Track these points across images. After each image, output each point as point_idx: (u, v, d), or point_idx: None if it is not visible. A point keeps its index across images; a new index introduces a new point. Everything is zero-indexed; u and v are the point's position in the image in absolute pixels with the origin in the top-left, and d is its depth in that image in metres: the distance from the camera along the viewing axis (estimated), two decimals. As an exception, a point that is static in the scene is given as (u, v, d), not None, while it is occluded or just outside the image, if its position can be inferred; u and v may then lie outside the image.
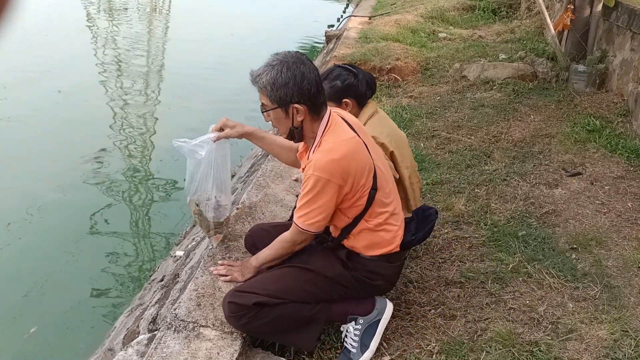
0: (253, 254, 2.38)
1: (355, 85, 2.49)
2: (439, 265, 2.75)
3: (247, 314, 1.98)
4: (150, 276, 3.68)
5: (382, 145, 2.44)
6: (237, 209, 3.00)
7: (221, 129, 2.28)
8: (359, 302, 2.16)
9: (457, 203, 3.28)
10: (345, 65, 2.56)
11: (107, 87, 7.75)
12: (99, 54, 9.34)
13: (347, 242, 2.09)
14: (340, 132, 1.97)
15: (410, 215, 2.38)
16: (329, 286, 2.09)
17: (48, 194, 4.73)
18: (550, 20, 5.81)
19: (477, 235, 3.00)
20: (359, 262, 2.08)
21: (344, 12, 13.89)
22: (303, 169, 2.09)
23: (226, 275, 2.29)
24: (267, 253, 2.16)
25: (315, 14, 14.45)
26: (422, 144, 4.19)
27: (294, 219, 2.01)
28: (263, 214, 3.00)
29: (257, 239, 2.40)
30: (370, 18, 9.18)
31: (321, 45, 10.77)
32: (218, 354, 1.97)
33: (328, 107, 2.03)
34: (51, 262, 3.91)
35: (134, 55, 9.54)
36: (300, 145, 2.27)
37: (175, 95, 7.79)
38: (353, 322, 2.15)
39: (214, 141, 2.25)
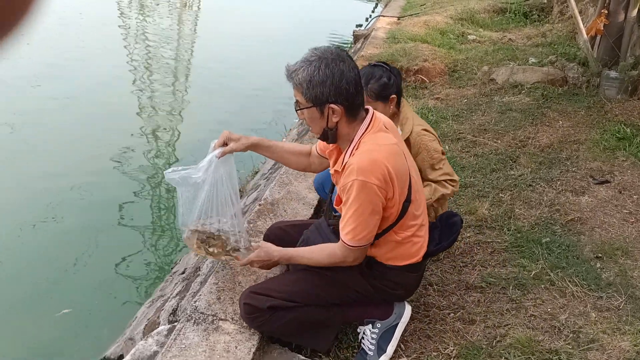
0: None
1: (397, 81, 2.49)
2: (459, 269, 2.73)
3: (261, 316, 1.99)
4: (171, 268, 3.74)
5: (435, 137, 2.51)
6: (260, 205, 3.02)
7: (225, 144, 2.12)
8: (376, 306, 2.13)
9: (480, 207, 3.24)
10: (379, 64, 2.53)
11: (136, 81, 7.87)
12: (129, 47, 9.49)
13: (369, 250, 2.00)
14: (381, 137, 1.85)
15: (434, 220, 2.36)
16: (346, 292, 2.05)
17: (74, 184, 4.83)
18: (583, 24, 5.70)
19: (499, 241, 2.96)
20: (379, 271, 2.01)
21: (373, 11, 13.86)
22: (335, 172, 1.95)
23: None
24: (303, 259, 2.01)
25: (343, 13, 14.44)
26: (447, 147, 4.15)
27: (342, 234, 1.86)
28: (285, 211, 3.02)
29: (276, 238, 2.36)
30: (399, 18, 9.14)
31: (349, 45, 10.75)
32: (236, 347, 1.99)
33: (371, 109, 1.92)
34: (76, 250, 3.99)
35: (163, 50, 9.66)
36: (317, 147, 2.21)
37: (201, 90, 7.87)
38: (370, 325, 2.13)
39: (219, 157, 2.07)
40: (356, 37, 9.31)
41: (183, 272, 3.21)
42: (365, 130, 1.85)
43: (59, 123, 6.04)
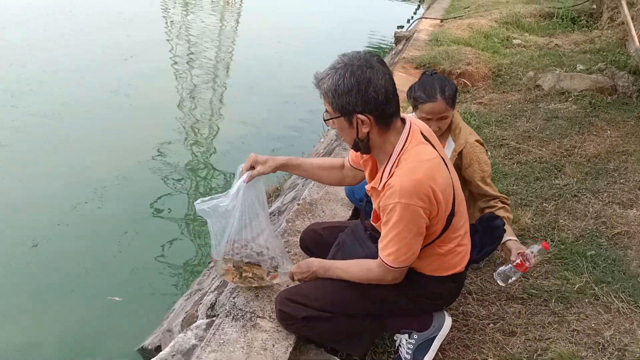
0: (307, 254, 2.39)
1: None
2: (500, 279, 2.67)
3: (295, 323, 1.99)
4: (209, 263, 3.78)
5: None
6: (298, 204, 3.03)
7: (252, 167, 2.08)
8: (414, 317, 2.07)
9: (523, 216, 3.17)
10: (434, 71, 2.48)
11: (178, 76, 8.01)
12: (172, 43, 9.67)
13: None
14: (422, 152, 1.73)
15: (473, 223, 2.30)
16: (383, 305, 1.98)
17: (116, 174, 4.95)
18: (635, 31, 5.50)
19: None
20: (419, 283, 1.93)
21: (415, 13, 13.74)
22: (373, 189, 1.85)
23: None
24: (339, 272, 1.94)
25: (384, 14, 14.38)
26: (489, 153, 4.07)
27: (382, 255, 1.78)
28: (323, 211, 3.01)
29: (310, 241, 2.36)
30: (442, 21, 9.03)
31: (389, 46, 10.70)
32: (273, 345, 1.99)
33: (407, 118, 1.80)
34: (117, 238, 4.09)
35: (205, 46, 9.81)
36: (350, 159, 2.12)
37: (240, 88, 7.96)
38: (407, 335, 2.09)
39: (247, 182, 2.04)
40: (397, 39, 9.24)
41: (220, 267, 3.24)
42: (404, 145, 1.74)
43: (105, 115, 6.21)
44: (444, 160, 1.81)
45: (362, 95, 1.65)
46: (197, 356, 1.91)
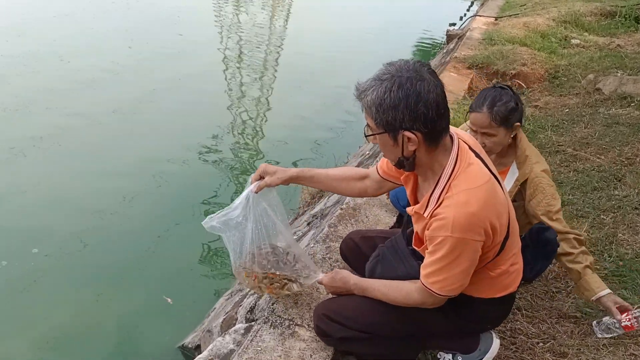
0: (346, 262, 2.33)
1: (522, 108, 2.25)
2: (552, 295, 2.54)
3: (333, 340, 1.95)
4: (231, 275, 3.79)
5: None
6: (341, 209, 2.97)
7: (261, 177, 2.00)
8: (460, 338, 1.96)
9: (578, 228, 3.00)
10: (505, 86, 2.28)
11: (226, 74, 8.11)
12: (223, 40, 9.81)
13: None
14: (475, 175, 1.58)
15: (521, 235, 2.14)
16: (425, 327, 1.88)
17: (164, 169, 5.07)
18: None
19: (598, 267, 2.72)
20: (466, 307, 1.80)
21: (468, 10, 13.42)
22: (415, 214, 1.72)
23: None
24: (377, 293, 1.84)
25: (436, 11, 14.10)
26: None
27: (425, 281, 1.66)
28: (366, 217, 2.95)
29: (347, 250, 2.29)
30: (496, 19, 8.76)
31: (441, 45, 10.48)
32: (311, 356, 1.95)
33: (455, 134, 1.65)
34: (162, 235, 4.17)
35: (255, 43, 9.90)
36: (380, 168, 1.98)
37: (288, 84, 7.99)
38: (451, 356, 2.00)
39: (256, 192, 1.98)
40: (449, 37, 9.03)
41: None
42: (454, 169, 1.58)
43: (152, 110, 6.39)
44: (495, 177, 1.65)
45: (411, 111, 1.49)
46: (234, 362, 1.89)
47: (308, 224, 3.59)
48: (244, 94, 7.45)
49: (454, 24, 10.63)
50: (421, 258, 1.74)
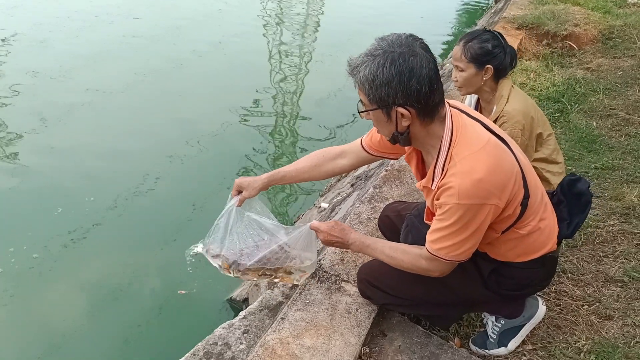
0: (384, 236, 2.31)
1: (502, 55, 2.24)
2: (599, 259, 2.52)
3: (375, 302, 2.04)
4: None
5: (532, 119, 2.23)
6: (386, 170, 3.00)
7: (239, 191, 2.07)
8: (503, 304, 1.97)
9: (629, 193, 2.94)
10: (496, 32, 2.30)
11: (266, 37, 8.11)
12: (263, 2, 9.77)
13: (491, 252, 1.77)
14: (473, 138, 1.55)
15: (553, 188, 2.05)
16: (468, 296, 1.89)
17: (205, 133, 5.18)
18: None
19: (649, 234, 2.68)
20: (505, 275, 1.79)
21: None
22: (424, 188, 1.69)
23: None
24: (380, 255, 1.82)
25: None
26: (594, 123, 3.79)
27: (431, 248, 1.63)
28: (412, 178, 2.96)
29: (384, 227, 2.30)
30: (548, -23, 8.37)
31: (488, 4, 10.13)
32: (357, 310, 2.02)
33: (447, 105, 1.60)
34: (206, 191, 4.30)
35: (295, 5, 9.83)
36: (366, 141, 1.98)
37: (328, 48, 7.93)
38: (494, 318, 2.03)
39: (239, 205, 2.07)
40: (497, -3, 8.71)
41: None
42: (452, 138, 1.55)
43: (191, 75, 6.47)
44: (495, 134, 1.60)
45: (404, 87, 1.46)
46: (284, 313, 1.98)
47: (352, 185, 3.63)
48: (284, 56, 7.46)
49: (502, -17, 10.22)
50: None
